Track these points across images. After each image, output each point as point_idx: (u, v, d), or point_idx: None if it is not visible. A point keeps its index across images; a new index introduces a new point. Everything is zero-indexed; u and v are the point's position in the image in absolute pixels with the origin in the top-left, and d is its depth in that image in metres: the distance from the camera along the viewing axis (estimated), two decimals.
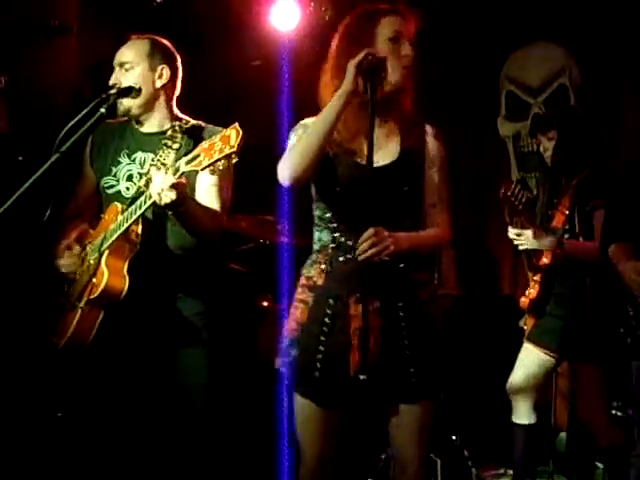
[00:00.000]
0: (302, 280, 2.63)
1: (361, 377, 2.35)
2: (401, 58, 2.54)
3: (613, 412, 4.07)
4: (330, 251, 2.56)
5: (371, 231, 2.41)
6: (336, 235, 2.56)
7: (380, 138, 2.57)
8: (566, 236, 3.75)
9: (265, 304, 4.70)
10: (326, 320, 2.54)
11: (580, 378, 3.85)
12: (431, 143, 2.64)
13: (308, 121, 2.63)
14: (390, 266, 2.50)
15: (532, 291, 3.89)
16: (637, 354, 3.17)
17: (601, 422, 3.77)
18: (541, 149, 3.95)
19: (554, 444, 4.28)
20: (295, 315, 2.60)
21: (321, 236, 2.61)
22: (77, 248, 2.93)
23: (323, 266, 2.57)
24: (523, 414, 3.83)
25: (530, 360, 3.82)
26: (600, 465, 3.99)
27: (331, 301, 2.54)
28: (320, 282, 2.57)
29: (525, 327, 3.97)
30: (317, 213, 2.64)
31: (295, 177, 2.51)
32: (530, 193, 3.98)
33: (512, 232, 3.83)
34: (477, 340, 4.82)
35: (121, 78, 2.90)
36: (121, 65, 2.92)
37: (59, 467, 3.43)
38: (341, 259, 2.53)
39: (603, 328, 3.66)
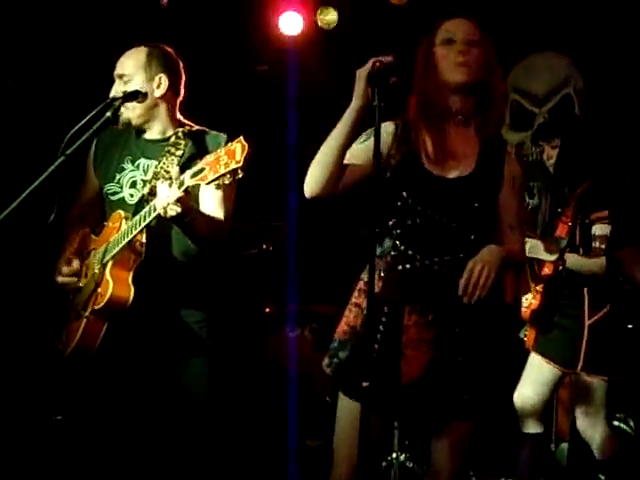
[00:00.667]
0: (360, 284, 2.58)
1: (364, 384, 2.34)
2: (456, 56, 2.48)
3: (615, 423, 4.07)
4: (390, 258, 2.50)
5: (466, 276, 2.36)
6: (397, 243, 2.51)
7: (457, 149, 2.53)
8: (568, 248, 3.74)
9: (268, 310, 4.70)
10: (380, 328, 2.49)
11: (582, 389, 3.83)
12: (510, 162, 2.58)
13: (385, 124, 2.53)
14: (448, 279, 2.44)
15: (534, 301, 3.88)
16: None
17: (602, 434, 3.76)
18: (544, 157, 3.94)
19: (555, 455, 4.27)
20: (348, 318, 2.57)
21: (383, 242, 2.55)
22: (76, 263, 2.91)
23: (382, 273, 2.51)
24: (530, 424, 3.82)
25: (537, 372, 3.80)
26: (602, 477, 3.97)
27: (386, 309, 2.48)
28: (377, 289, 2.48)
29: (525, 338, 3.96)
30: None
31: (314, 192, 2.48)
32: (536, 200, 3.96)
33: None
34: None
35: (120, 90, 2.89)
36: (120, 77, 2.91)
37: (58, 470, 3.42)
38: (399, 267, 2.48)
39: (604, 339, 3.66)
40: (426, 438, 2.66)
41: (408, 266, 2.48)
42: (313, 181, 2.48)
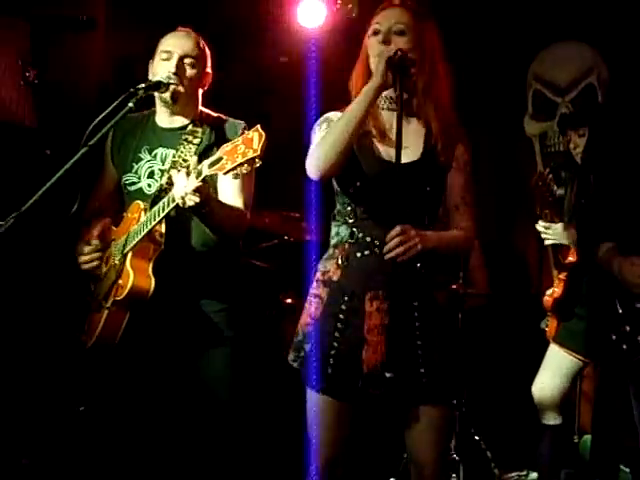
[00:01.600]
0: (318, 275, 2.60)
1: (387, 375, 2.34)
2: (378, 47, 2.50)
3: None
4: (347, 246, 2.53)
5: (398, 229, 2.37)
6: (354, 230, 2.53)
7: (407, 134, 2.53)
8: None
9: (289, 301, 4.69)
10: (340, 316, 2.51)
11: (604, 380, 3.81)
12: (458, 144, 2.59)
13: (332, 115, 2.61)
14: (407, 265, 2.45)
15: (557, 290, 3.85)
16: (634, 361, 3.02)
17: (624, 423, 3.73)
18: (571, 146, 3.91)
19: (578, 447, 4.25)
20: (309, 310, 2.57)
21: (339, 230, 2.57)
22: (96, 242, 2.90)
23: (340, 261, 2.54)
24: (549, 416, 3.80)
25: (557, 363, 3.77)
26: (626, 469, 3.95)
27: (346, 297, 2.50)
28: (335, 277, 2.53)
29: (546, 329, 3.94)
30: (337, 207, 2.60)
31: (322, 171, 2.48)
32: (562, 186, 3.92)
33: (541, 224, 3.79)
34: (504, 340, 4.79)
35: (180, 72, 2.85)
36: (185, 57, 2.87)
37: (82, 459, 3.44)
38: (358, 255, 2.50)
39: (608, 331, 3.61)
40: None
41: (367, 253, 2.48)
42: (320, 161, 2.48)
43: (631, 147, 3.11)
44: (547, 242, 3.82)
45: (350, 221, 2.54)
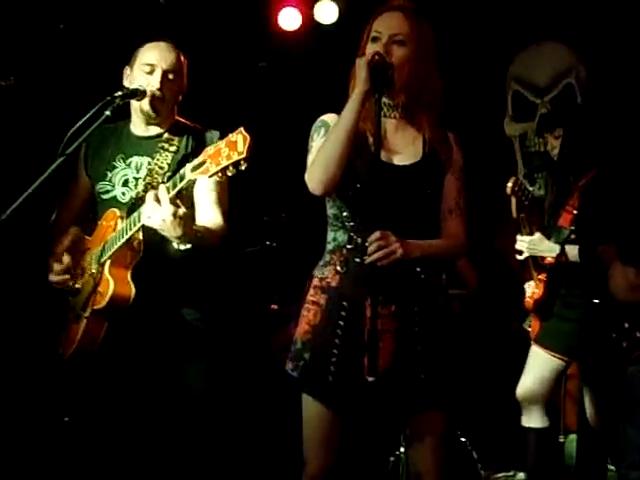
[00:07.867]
0: (314, 281, 2.55)
1: (369, 379, 2.32)
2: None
3: None
4: (345, 252, 2.49)
5: (377, 234, 2.35)
6: (353, 235, 2.49)
7: (405, 139, 2.53)
8: (572, 236, 3.71)
9: (274, 307, 4.69)
10: (341, 323, 2.47)
11: (588, 380, 3.82)
12: (453, 149, 2.58)
13: (328, 118, 2.55)
14: (406, 269, 2.44)
15: (537, 291, 3.86)
16: (633, 358, 3.05)
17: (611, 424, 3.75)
18: (548, 147, 3.94)
19: (564, 446, 4.25)
20: (307, 317, 2.52)
21: (336, 236, 2.53)
22: (66, 259, 2.86)
23: (338, 267, 2.50)
24: (535, 418, 3.79)
25: (539, 364, 3.77)
26: (612, 467, 3.96)
27: (346, 303, 2.47)
28: (334, 284, 2.49)
29: (529, 329, 3.94)
30: (332, 212, 2.55)
31: (325, 187, 2.43)
32: (538, 189, 3.95)
33: (519, 239, 3.81)
34: (489, 340, 4.80)
35: (163, 87, 2.82)
36: (168, 72, 2.84)
37: (64, 470, 3.42)
38: (357, 260, 2.44)
39: (608, 329, 3.62)
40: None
41: (366, 258, 2.40)
42: (321, 177, 2.42)
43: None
44: (521, 257, 3.84)
45: (348, 225, 2.50)
